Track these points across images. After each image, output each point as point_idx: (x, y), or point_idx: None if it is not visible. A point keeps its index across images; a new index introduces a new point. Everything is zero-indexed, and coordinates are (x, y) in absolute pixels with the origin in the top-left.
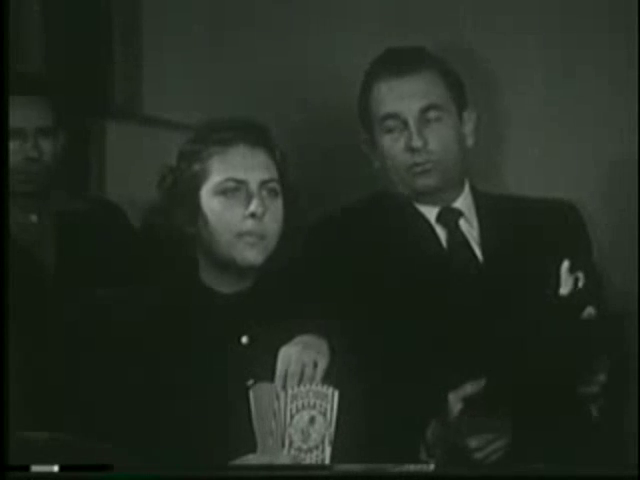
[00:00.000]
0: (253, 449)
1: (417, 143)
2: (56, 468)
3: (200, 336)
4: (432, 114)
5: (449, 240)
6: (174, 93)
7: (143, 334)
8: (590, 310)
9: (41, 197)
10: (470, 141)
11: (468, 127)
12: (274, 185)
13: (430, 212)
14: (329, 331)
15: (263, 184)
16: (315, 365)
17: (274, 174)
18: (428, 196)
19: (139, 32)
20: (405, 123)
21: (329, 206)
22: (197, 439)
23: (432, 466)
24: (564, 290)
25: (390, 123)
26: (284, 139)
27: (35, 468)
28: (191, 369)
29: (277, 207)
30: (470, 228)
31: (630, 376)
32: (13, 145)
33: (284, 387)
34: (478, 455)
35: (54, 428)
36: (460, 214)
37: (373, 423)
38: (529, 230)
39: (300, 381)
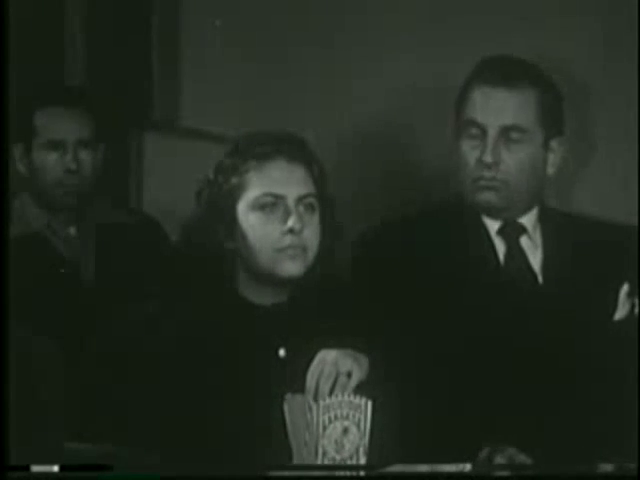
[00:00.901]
0: (289, 460)
1: (488, 158)
2: (56, 468)
3: (238, 348)
4: (514, 135)
5: (507, 255)
6: (213, 107)
7: (181, 347)
8: None
9: (80, 209)
10: (551, 170)
11: (554, 156)
12: (311, 200)
13: (492, 224)
14: (368, 346)
15: (300, 199)
16: (349, 375)
17: (312, 189)
18: (491, 209)
19: (178, 45)
20: (485, 135)
21: (367, 220)
22: (234, 451)
23: (468, 466)
24: (619, 315)
25: (472, 130)
26: (322, 153)
27: (35, 468)
28: (229, 381)
29: (315, 222)
30: (532, 245)
31: None
32: (53, 157)
33: (316, 394)
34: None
35: (102, 439)
36: (523, 230)
37: (407, 433)
38: (592, 250)
39: (332, 389)
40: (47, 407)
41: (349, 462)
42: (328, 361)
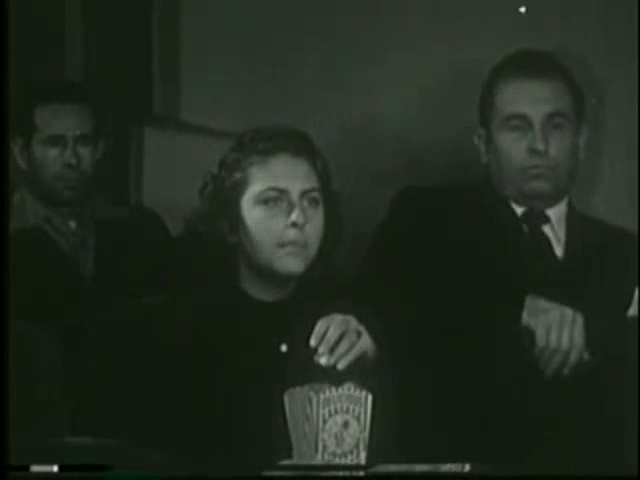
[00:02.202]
0: (289, 454)
1: (540, 146)
2: (56, 468)
3: (240, 344)
4: (557, 120)
5: (530, 241)
6: (214, 102)
7: (182, 342)
8: None
9: (80, 204)
10: (582, 154)
11: (582, 139)
12: (315, 194)
13: (516, 210)
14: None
15: (304, 193)
16: (359, 335)
17: (315, 183)
18: (529, 199)
19: (179, 40)
20: (531, 125)
21: (371, 215)
22: (235, 446)
23: (467, 466)
24: (630, 312)
25: (515, 122)
26: (326, 148)
27: (35, 468)
28: (231, 377)
29: (318, 216)
30: (554, 237)
31: None
32: (53, 152)
33: (322, 339)
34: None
35: (102, 434)
36: (547, 220)
37: (408, 426)
38: (612, 252)
39: (340, 339)
40: (47, 405)
41: (349, 456)
42: (340, 317)
